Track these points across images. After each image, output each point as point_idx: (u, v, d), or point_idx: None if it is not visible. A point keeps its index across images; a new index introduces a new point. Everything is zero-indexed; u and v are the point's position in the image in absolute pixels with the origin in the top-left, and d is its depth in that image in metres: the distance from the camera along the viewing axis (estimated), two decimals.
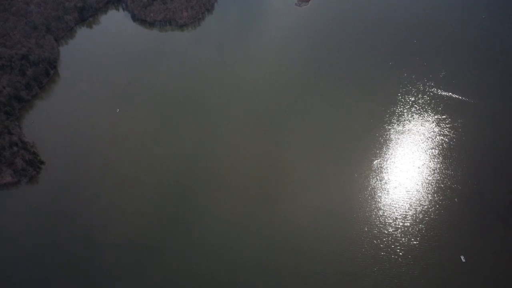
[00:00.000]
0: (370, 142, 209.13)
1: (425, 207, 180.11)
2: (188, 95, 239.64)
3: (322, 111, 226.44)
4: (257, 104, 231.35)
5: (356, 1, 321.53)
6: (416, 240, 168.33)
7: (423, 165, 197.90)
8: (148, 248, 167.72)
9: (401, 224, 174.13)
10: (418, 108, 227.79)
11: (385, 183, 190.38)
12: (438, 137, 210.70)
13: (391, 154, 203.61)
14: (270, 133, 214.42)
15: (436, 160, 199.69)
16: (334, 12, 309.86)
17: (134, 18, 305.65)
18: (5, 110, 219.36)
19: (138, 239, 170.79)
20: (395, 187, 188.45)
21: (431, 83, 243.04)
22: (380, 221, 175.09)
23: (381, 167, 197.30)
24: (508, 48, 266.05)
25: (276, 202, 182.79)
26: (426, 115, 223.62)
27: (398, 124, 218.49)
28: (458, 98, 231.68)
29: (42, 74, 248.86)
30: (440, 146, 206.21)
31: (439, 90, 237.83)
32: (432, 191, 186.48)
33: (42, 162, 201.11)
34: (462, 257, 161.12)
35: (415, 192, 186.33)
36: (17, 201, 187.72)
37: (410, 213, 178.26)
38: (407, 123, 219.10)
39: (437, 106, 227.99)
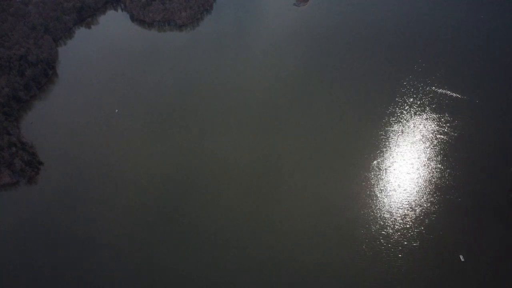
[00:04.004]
0: (370, 142, 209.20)
1: (424, 207, 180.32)
2: (187, 95, 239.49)
3: (321, 111, 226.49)
4: (256, 104, 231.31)
5: (355, 1, 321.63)
6: (415, 240, 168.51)
7: (422, 165, 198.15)
8: (147, 248, 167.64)
9: (400, 224, 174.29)
10: (417, 107, 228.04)
11: (385, 183, 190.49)
12: (437, 137, 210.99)
13: (391, 154, 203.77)
14: (269, 133, 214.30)
15: (435, 160, 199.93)
16: (333, 12, 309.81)
17: (133, 18, 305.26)
18: (4, 110, 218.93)
19: (137, 239, 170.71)
20: (395, 188, 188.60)
21: (430, 82, 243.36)
22: (379, 222, 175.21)
23: (380, 167, 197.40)
24: (506, 47, 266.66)
25: (275, 203, 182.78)
26: (425, 114, 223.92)
27: (397, 124, 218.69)
28: (457, 97, 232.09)
29: (41, 74, 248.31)
30: (439, 146, 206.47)
31: (437, 90, 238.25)
32: (431, 190, 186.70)
33: (40, 163, 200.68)
34: (461, 257, 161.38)
35: (414, 192, 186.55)
36: (16, 202, 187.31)
37: (409, 213, 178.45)
38: (406, 123, 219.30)
39: (436, 106, 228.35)
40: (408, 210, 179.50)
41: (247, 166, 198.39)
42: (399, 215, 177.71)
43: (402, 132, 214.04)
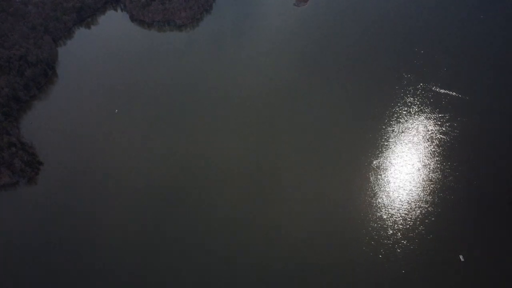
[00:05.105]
0: (369, 143, 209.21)
1: (424, 207, 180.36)
2: (187, 95, 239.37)
3: (320, 112, 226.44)
4: (255, 105, 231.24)
5: (355, 1, 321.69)
6: (415, 240, 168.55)
7: (422, 165, 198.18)
8: (146, 248, 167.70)
9: (400, 225, 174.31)
10: (416, 108, 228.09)
11: (385, 184, 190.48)
12: (437, 136, 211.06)
13: (390, 154, 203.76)
14: (268, 134, 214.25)
15: (435, 160, 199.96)
16: (332, 13, 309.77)
17: (133, 18, 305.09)
18: (4, 111, 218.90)
19: (137, 239, 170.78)
20: (394, 188, 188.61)
21: (429, 82, 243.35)
22: (379, 223, 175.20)
23: (380, 168, 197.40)
24: (505, 47, 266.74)
25: (274, 203, 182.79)
26: (425, 114, 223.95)
27: (397, 124, 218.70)
28: (457, 97, 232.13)
29: (41, 75, 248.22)
30: (439, 146, 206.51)
31: (437, 89, 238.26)
32: (431, 191, 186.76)
33: (40, 163, 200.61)
34: (461, 257, 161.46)
35: (414, 193, 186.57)
36: (15, 202, 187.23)
37: (409, 213, 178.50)
38: (406, 123, 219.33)
39: (436, 105, 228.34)
40: (408, 210, 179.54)
41: (247, 166, 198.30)
42: (399, 215, 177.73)
43: (402, 132, 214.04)
